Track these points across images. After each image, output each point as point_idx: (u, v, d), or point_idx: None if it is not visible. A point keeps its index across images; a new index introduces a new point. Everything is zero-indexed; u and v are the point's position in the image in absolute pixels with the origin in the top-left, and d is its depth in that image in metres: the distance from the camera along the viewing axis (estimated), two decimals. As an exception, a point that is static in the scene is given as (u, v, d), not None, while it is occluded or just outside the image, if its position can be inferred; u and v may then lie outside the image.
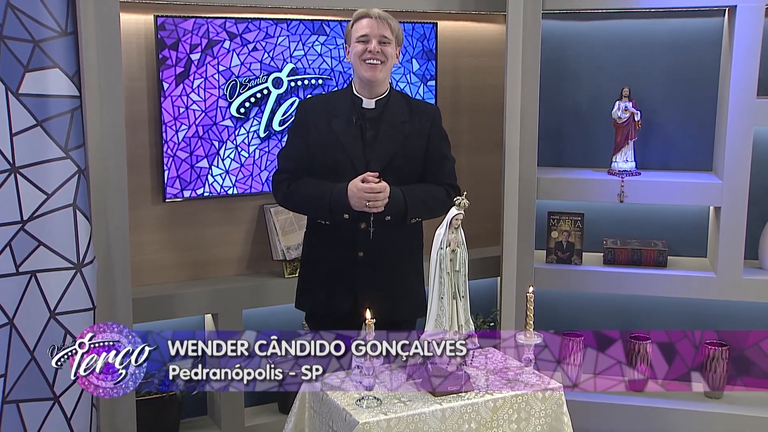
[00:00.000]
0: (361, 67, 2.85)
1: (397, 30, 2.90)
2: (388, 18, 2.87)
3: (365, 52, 2.83)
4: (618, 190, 3.82)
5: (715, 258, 3.82)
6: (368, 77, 2.85)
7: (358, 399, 2.48)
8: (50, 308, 2.81)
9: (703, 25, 3.89)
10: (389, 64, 2.88)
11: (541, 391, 2.59)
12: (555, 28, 4.01)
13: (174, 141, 3.54)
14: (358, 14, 2.89)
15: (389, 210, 2.81)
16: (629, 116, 3.86)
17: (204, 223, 3.70)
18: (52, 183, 2.80)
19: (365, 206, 2.77)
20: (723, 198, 3.72)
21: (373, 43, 2.83)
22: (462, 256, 2.54)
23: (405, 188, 2.86)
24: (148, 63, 3.48)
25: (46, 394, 2.83)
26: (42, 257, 2.80)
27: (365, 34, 2.84)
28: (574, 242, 3.96)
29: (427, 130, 2.94)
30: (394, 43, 2.87)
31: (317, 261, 2.97)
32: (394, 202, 2.82)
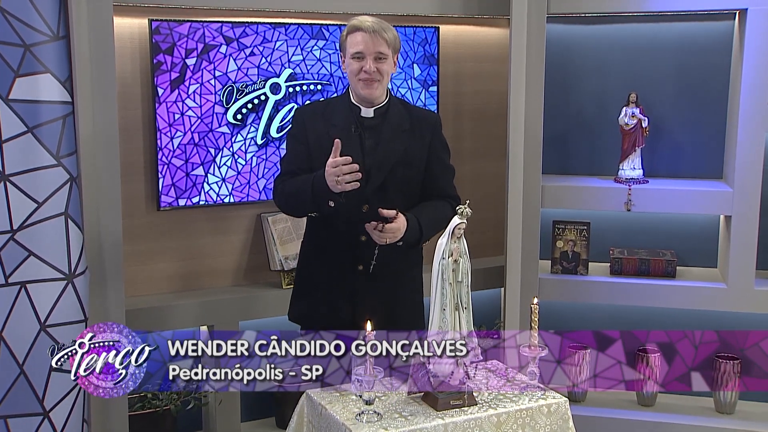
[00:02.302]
0: (357, 84, 2.82)
1: (394, 40, 2.84)
2: (382, 30, 2.80)
3: (361, 71, 2.79)
4: (625, 199, 3.81)
5: (725, 268, 3.81)
6: (365, 95, 2.82)
7: (357, 413, 2.47)
8: (40, 320, 2.81)
9: (712, 28, 3.89)
10: (386, 79, 2.84)
11: (546, 406, 2.58)
12: (560, 32, 4.01)
13: (169, 148, 3.54)
14: (352, 26, 2.82)
15: (405, 239, 2.80)
16: (636, 122, 3.86)
17: (200, 232, 3.69)
18: (42, 191, 2.80)
19: (335, 183, 2.66)
20: (734, 206, 3.71)
21: (369, 62, 2.78)
22: (465, 266, 2.53)
23: (418, 214, 2.84)
24: (143, 68, 3.48)
25: (36, 409, 2.81)
26: (32, 268, 2.79)
27: (359, 51, 2.79)
28: (579, 252, 3.95)
29: (429, 139, 2.92)
30: (390, 56, 2.83)
31: (313, 273, 2.95)
32: (412, 232, 2.80)
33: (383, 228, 2.73)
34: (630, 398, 3.97)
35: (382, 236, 2.74)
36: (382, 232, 2.73)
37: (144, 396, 3.49)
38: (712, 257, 4.04)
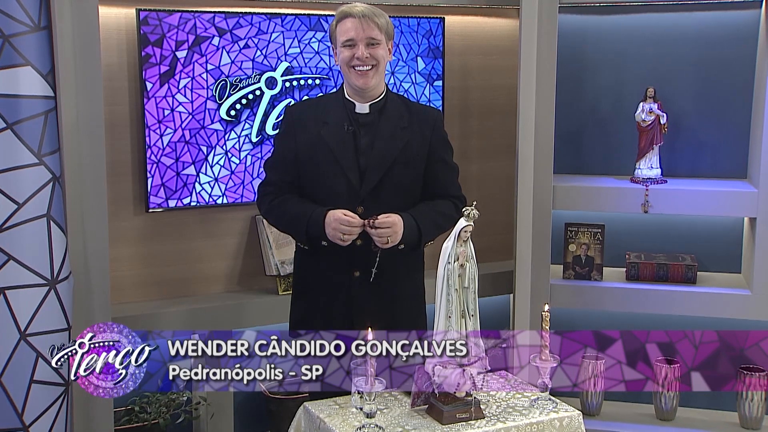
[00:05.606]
0: (350, 74, 2.82)
1: (386, 25, 2.83)
2: (373, 15, 2.80)
3: (353, 58, 2.79)
4: (642, 200, 3.80)
5: (749, 274, 3.79)
6: (359, 85, 2.82)
7: (358, 428, 2.46)
8: (20, 328, 2.80)
9: (736, 18, 3.88)
10: (381, 67, 2.84)
11: (557, 419, 2.57)
12: (573, 23, 4.00)
13: (158, 146, 3.53)
14: (341, 13, 2.83)
15: (404, 240, 2.79)
16: (654, 119, 3.84)
17: (191, 235, 3.69)
18: (23, 191, 2.79)
19: (339, 240, 2.74)
20: (759, 208, 3.69)
21: (360, 48, 2.78)
22: (471, 271, 2.52)
23: (416, 213, 2.84)
24: (130, 61, 3.47)
25: (15, 424, 2.80)
26: (12, 273, 2.78)
27: (350, 38, 2.79)
28: (593, 256, 3.94)
29: (429, 136, 2.91)
30: (384, 41, 2.82)
31: (310, 284, 2.95)
32: (409, 231, 2.80)
33: (373, 224, 2.73)
34: (648, 412, 3.95)
35: (381, 235, 2.73)
36: (374, 228, 2.73)
37: (131, 409, 3.49)
38: (735, 262, 4.03)
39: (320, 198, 2.85)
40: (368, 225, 2.74)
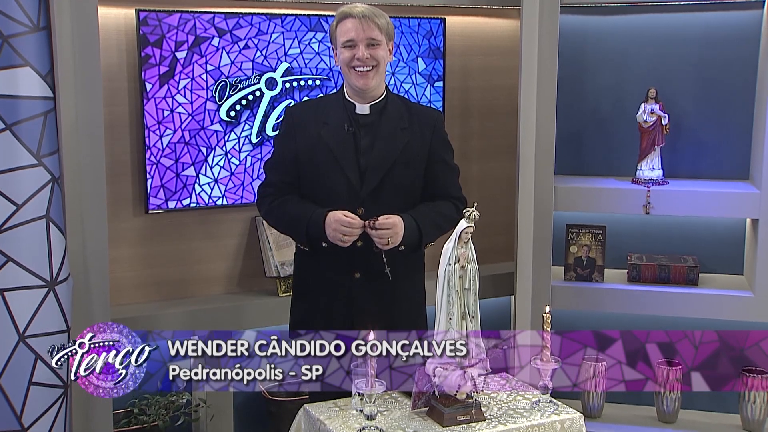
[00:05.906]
0: (350, 75, 2.82)
1: (386, 25, 2.84)
2: (373, 15, 2.80)
3: (353, 59, 2.80)
4: (644, 201, 3.80)
5: (752, 275, 3.79)
6: (360, 86, 2.83)
7: (358, 430, 2.46)
8: (19, 330, 2.79)
9: (738, 18, 3.88)
10: (382, 67, 2.84)
11: (559, 422, 2.57)
12: (574, 23, 4.00)
13: (158, 147, 3.53)
14: (341, 14, 2.84)
15: (405, 241, 2.80)
16: (656, 119, 3.84)
17: (190, 236, 3.69)
18: (22, 193, 2.79)
19: (340, 241, 2.75)
20: (761, 209, 3.69)
21: (361, 48, 2.79)
22: (472, 272, 2.52)
23: (417, 214, 2.84)
24: (129, 61, 3.47)
25: (13, 426, 2.80)
26: (10, 274, 2.78)
27: (350, 39, 2.79)
28: (595, 258, 3.94)
29: (429, 137, 2.92)
30: (384, 42, 2.83)
31: (310, 285, 2.95)
32: (410, 232, 2.80)
33: (374, 225, 2.73)
34: (650, 414, 3.95)
35: (381, 236, 2.74)
36: (374, 229, 2.73)
37: (131, 411, 3.49)
38: (737, 263, 4.02)
39: (320, 199, 2.85)
40: (369, 226, 2.75)
